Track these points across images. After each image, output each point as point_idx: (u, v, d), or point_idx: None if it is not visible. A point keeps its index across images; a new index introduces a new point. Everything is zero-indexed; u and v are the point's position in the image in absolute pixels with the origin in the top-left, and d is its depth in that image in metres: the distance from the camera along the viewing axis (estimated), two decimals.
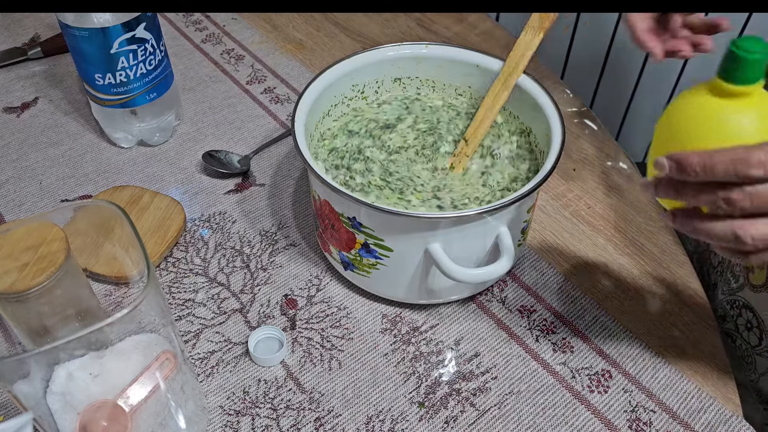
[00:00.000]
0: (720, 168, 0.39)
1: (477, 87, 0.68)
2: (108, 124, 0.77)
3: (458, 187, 0.62)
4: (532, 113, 0.63)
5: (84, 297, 0.55)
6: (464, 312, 0.63)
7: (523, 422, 0.56)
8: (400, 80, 0.70)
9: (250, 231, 0.70)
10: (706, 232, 0.42)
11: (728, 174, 0.39)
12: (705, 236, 0.42)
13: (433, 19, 0.98)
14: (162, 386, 0.46)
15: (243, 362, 0.59)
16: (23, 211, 0.72)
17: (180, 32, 0.95)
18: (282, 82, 0.88)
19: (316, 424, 0.55)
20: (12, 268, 0.48)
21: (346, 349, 0.60)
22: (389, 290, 0.61)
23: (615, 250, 0.69)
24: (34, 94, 0.85)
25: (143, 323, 0.43)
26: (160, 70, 0.74)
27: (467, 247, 0.56)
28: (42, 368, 0.43)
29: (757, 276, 0.62)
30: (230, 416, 0.56)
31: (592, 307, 0.64)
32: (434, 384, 0.58)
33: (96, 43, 0.67)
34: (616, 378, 0.58)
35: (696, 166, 0.40)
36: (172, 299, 0.64)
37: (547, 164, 0.56)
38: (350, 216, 0.56)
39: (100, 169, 0.76)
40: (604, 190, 0.75)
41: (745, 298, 0.63)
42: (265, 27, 0.96)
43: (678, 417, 0.56)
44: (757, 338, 0.62)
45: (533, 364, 0.59)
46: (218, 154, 0.76)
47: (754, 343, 0.63)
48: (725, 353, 0.61)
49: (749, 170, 0.38)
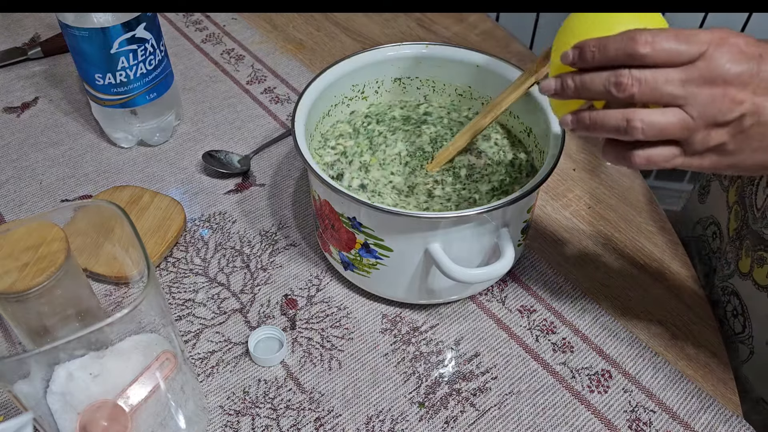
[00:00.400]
0: (612, 46, 0.41)
1: (477, 87, 0.68)
2: (108, 124, 0.77)
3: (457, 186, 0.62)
4: (532, 113, 0.63)
5: (84, 297, 0.55)
6: (464, 312, 0.63)
7: (523, 422, 0.56)
8: (400, 80, 0.70)
9: (250, 231, 0.70)
10: (600, 122, 0.43)
11: (619, 51, 0.41)
12: (600, 128, 0.43)
13: (433, 19, 0.98)
14: (162, 386, 0.46)
15: (243, 362, 0.59)
16: (23, 211, 0.72)
17: (180, 32, 0.95)
18: (282, 82, 0.88)
19: (316, 424, 0.55)
20: (12, 268, 0.48)
21: (346, 349, 0.60)
22: (389, 290, 0.61)
23: (615, 250, 0.69)
24: (34, 94, 0.85)
25: (143, 323, 0.43)
26: (160, 70, 0.74)
27: (467, 247, 0.56)
28: (42, 368, 0.43)
29: (744, 263, 0.62)
30: (230, 416, 0.56)
31: (592, 307, 0.64)
32: (434, 384, 0.58)
33: (96, 43, 0.67)
34: (616, 378, 0.58)
35: (593, 46, 0.42)
36: (172, 299, 0.64)
37: (547, 164, 0.56)
38: (350, 216, 0.56)
39: (100, 169, 0.76)
40: (604, 190, 0.75)
41: (734, 285, 0.63)
42: (265, 27, 0.96)
43: (678, 417, 0.56)
44: (741, 325, 0.63)
45: (533, 364, 0.59)
46: (218, 154, 0.76)
47: (738, 330, 0.63)
48: (725, 353, 0.61)
49: (637, 47, 0.40)
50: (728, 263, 0.65)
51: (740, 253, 0.63)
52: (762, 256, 0.59)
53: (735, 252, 0.64)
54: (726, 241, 0.66)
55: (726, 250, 0.66)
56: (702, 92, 0.40)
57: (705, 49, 0.40)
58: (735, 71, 0.40)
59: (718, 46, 0.40)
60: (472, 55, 0.66)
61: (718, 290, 0.65)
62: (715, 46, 0.40)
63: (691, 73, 0.40)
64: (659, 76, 0.40)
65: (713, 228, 0.70)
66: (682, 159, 0.43)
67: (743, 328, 0.62)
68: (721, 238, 0.68)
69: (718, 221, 0.69)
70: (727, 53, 0.40)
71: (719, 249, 0.69)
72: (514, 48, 0.94)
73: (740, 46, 0.40)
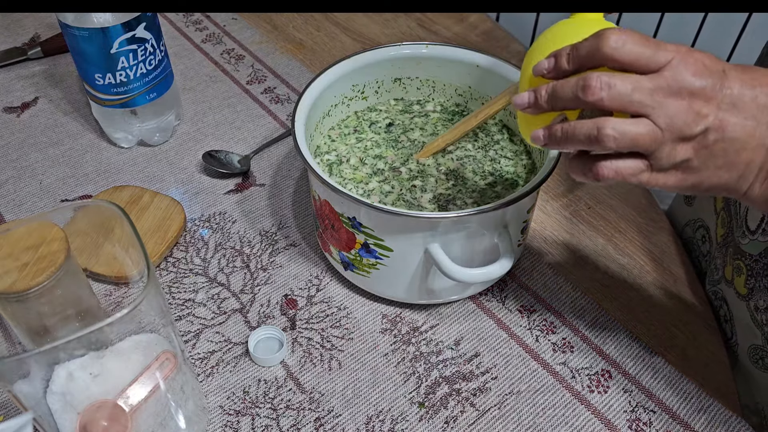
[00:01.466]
0: (584, 45, 0.42)
1: (477, 87, 0.68)
2: (108, 124, 0.77)
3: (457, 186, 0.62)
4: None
5: (84, 297, 0.55)
6: (464, 312, 0.63)
7: (523, 422, 0.56)
8: (400, 80, 0.70)
9: (250, 231, 0.70)
10: (572, 133, 0.43)
11: (590, 49, 0.42)
12: (571, 139, 0.43)
13: (433, 19, 0.98)
14: (162, 386, 0.46)
15: (243, 362, 0.59)
16: (23, 211, 0.72)
17: (180, 32, 0.95)
18: (282, 82, 0.88)
19: (316, 424, 0.55)
20: (12, 268, 0.48)
21: (346, 349, 0.60)
22: (389, 290, 0.61)
23: (615, 250, 0.69)
24: (34, 94, 0.85)
25: (143, 323, 0.43)
26: (160, 70, 0.74)
27: (467, 247, 0.56)
28: (42, 368, 0.43)
29: (728, 270, 0.62)
30: (230, 416, 0.56)
31: (592, 307, 0.64)
32: (434, 384, 0.58)
33: (96, 43, 0.67)
34: (616, 378, 0.58)
35: (566, 51, 0.44)
36: (172, 299, 0.64)
37: (547, 164, 0.56)
38: (350, 216, 0.56)
39: (100, 169, 0.76)
40: (604, 190, 0.75)
41: (722, 291, 0.63)
42: (265, 27, 0.96)
43: (678, 417, 0.56)
44: (729, 332, 0.62)
45: (533, 364, 0.59)
46: (218, 154, 0.76)
47: (728, 336, 0.63)
48: (725, 353, 0.61)
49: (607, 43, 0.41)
50: (717, 269, 0.65)
51: (726, 259, 0.63)
52: (739, 265, 0.59)
53: (722, 258, 0.64)
54: (714, 246, 0.66)
55: (715, 255, 0.66)
56: (669, 103, 0.40)
57: (671, 58, 0.40)
58: (699, 84, 0.40)
59: (683, 59, 0.40)
60: (472, 55, 0.67)
61: (711, 295, 0.65)
62: (681, 57, 0.40)
63: (659, 82, 0.40)
64: (628, 82, 0.40)
65: (702, 231, 0.70)
66: (648, 175, 0.42)
67: (731, 335, 0.62)
68: (710, 241, 0.68)
69: (707, 225, 0.69)
70: (692, 66, 0.40)
71: (709, 252, 0.69)
72: (514, 48, 0.94)
73: (704, 61, 0.40)
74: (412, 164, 0.64)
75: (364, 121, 0.69)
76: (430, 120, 0.69)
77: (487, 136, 0.67)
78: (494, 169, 0.64)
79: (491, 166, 0.64)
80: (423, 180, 0.62)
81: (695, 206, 0.73)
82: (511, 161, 0.65)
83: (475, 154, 0.65)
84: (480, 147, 0.66)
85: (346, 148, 0.66)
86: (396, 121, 0.69)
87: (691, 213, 0.73)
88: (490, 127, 0.68)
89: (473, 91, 0.69)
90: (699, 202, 0.72)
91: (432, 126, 0.68)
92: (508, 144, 0.66)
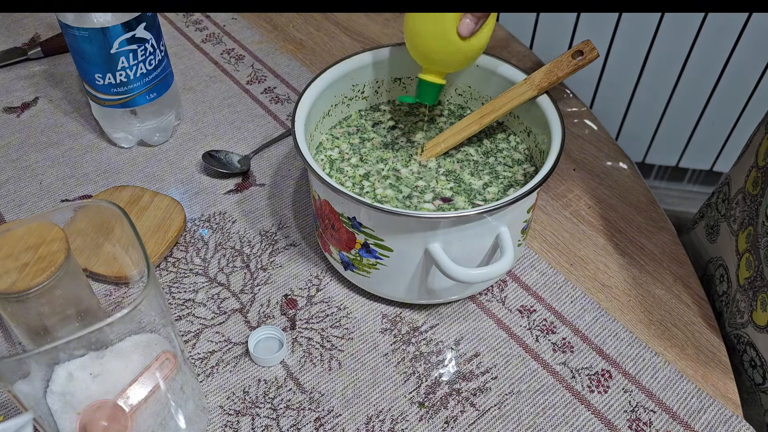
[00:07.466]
0: None
1: (477, 87, 0.68)
2: (108, 124, 0.77)
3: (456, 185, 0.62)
4: (532, 113, 0.63)
5: (84, 297, 0.55)
6: (464, 312, 0.63)
7: (523, 422, 0.56)
8: (400, 80, 0.70)
9: (250, 231, 0.70)
10: None
11: None
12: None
13: None
14: (162, 386, 0.46)
15: (243, 362, 0.59)
16: (23, 211, 0.72)
17: (180, 32, 0.95)
18: (282, 82, 0.88)
19: (316, 424, 0.55)
20: (12, 268, 0.48)
21: (346, 349, 0.60)
22: (389, 290, 0.61)
23: (615, 250, 0.69)
24: (34, 94, 0.85)
25: (143, 323, 0.43)
26: (160, 70, 0.74)
27: (467, 247, 0.56)
28: (42, 368, 0.43)
29: (760, 316, 0.60)
30: (230, 416, 0.56)
31: (592, 307, 0.64)
32: (434, 384, 0.58)
33: (96, 43, 0.67)
34: (616, 378, 0.58)
35: None
36: (172, 299, 0.64)
37: (547, 164, 0.56)
38: (350, 216, 0.56)
39: (100, 169, 0.76)
40: (604, 190, 0.75)
41: (749, 336, 0.61)
42: (265, 27, 0.96)
43: (678, 417, 0.56)
44: (761, 377, 0.61)
45: (533, 364, 0.59)
46: (218, 154, 0.76)
47: (758, 382, 0.61)
48: (726, 353, 0.61)
49: None
50: (740, 312, 0.63)
51: (754, 304, 0.61)
52: None
53: (748, 302, 0.62)
54: (735, 288, 0.64)
55: (737, 298, 0.64)
56: None
57: None
58: None
59: None
60: None
61: (732, 338, 0.64)
62: None
63: None
64: None
65: (721, 271, 0.68)
66: None
67: (763, 380, 0.61)
68: (728, 282, 0.66)
69: (726, 265, 0.67)
70: None
71: (725, 293, 0.67)
72: (514, 48, 0.94)
73: None
74: (413, 165, 0.64)
75: (367, 120, 0.69)
76: (436, 124, 0.69)
77: (492, 143, 0.67)
78: (496, 174, 0.64)
79: (493, 170, 0.64)
80: (424, 180, 0.62)
81: (718, 243, 0.71)
82: (511, 168, 0.65)
83: (477, 158, 0.65)
84: (483, 153, 0.65)
85: (348, 146, 0.66)
86: (400, 122, 0.69)
87: (714, 250, 0.72)
88: (496, 134, 0.68)
89: (473, 91, 0.69)
90: (721, 239, 0.70)
91: (437, 129, 0.68)
92: (512, 153, 0.66)
